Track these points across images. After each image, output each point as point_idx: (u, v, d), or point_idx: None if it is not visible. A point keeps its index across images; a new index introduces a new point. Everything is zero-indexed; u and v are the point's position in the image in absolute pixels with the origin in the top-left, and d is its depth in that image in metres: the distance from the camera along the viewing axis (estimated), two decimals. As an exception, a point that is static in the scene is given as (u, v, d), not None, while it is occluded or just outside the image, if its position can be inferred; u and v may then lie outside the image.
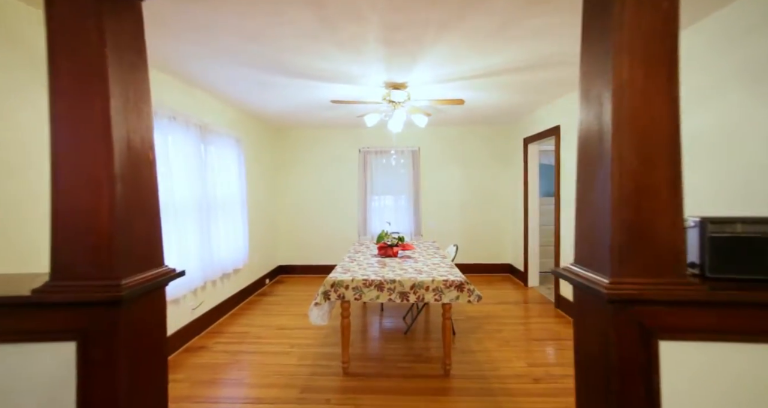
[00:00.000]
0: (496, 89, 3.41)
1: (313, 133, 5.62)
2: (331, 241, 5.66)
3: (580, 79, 1.01)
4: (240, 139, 4.08)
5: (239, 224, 3.98)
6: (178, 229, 2.75)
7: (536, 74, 2.96)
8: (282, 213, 5.69)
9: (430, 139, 5.57)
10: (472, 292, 2.48)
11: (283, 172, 5.68)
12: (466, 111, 4.40)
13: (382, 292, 2.52)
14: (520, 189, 5.05)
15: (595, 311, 0.88)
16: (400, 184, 5.56)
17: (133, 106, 0.93)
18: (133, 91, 0.95)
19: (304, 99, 3.65)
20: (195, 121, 3.12)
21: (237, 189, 3.97)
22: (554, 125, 3.94)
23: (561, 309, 3.82)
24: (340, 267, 2.92)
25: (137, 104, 0.95)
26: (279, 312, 3.94)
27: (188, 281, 2.93)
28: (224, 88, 3.25)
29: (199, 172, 3.18)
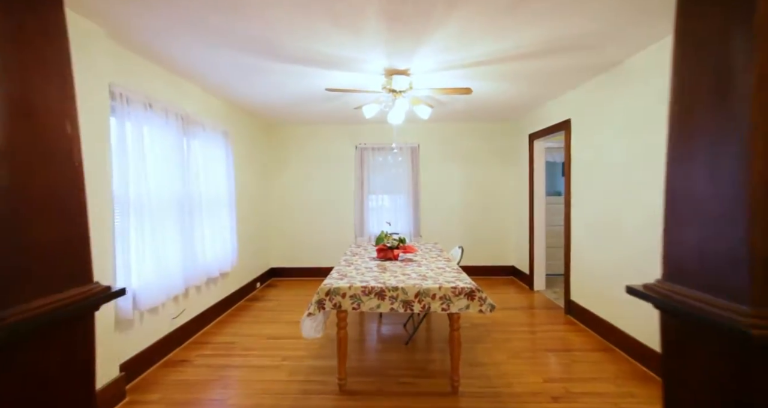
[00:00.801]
0: (504, 79, 3.17)
1: (306, 129, 5.34)
2: (326, 243, 5.38)
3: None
4: (228, 133, 3.79)
5: (227, 225, 3.69)
6: (154, 230, 2.46)
7: (549, 61, 2.71)
8: (274, 213, 5.40)
9: (430, 136, 5.31)
10: (484, 301, 2.22)
11: (275, 169, 5.39)
12: (468, 105, 4.15)
13: (383, 301, 2.25)
14: (525, 188, 4.82)
15: (714, 353, 0.60)
16: (398, 183, 5.30)
17: (34, 60, 0.65)
18: (33, 43, 0.66)
19: (296, 88, 3.38)
20: (175, 111, 2.83)
21: (224, 187, 3.68)
22: (564, 119, 3.70)
23: (572, 315, 3.58)
24: (335, 272, 2.65)
25: (43, 60, 0.67)
26: (270, 319, 3.65)
27: (168, 287, 2.64)
28: (207, 73, 2.96)
29: (181, 167, 2.89)
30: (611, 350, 2.84)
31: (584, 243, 3.37)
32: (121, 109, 2.23)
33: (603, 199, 3.06)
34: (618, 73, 2.82)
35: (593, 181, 3.21)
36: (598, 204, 3.12)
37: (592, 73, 3.02)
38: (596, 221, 3.16)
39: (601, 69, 2.91)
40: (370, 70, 2.87)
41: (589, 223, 3.27)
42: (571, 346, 2.94)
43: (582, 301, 3.41)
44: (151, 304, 2.44)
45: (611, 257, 2.95)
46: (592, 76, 3.08)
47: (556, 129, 3.90)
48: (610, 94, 2.94)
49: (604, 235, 3.05)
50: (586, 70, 2.95)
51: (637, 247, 2.64)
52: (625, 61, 2.71)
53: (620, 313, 2.84)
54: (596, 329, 3.15)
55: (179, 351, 2.88)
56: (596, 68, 2.89)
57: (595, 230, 3.18)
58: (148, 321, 2.57)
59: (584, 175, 3.36)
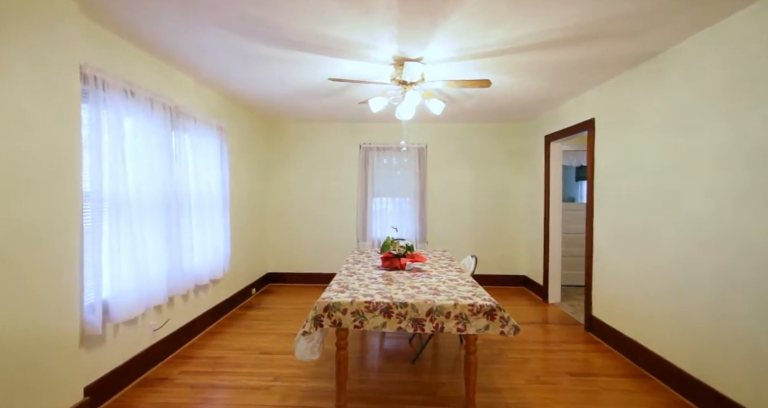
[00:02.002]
0: (522, 73, 2.89)
1: (308, 127, 5.08)
2: (326, 247, 5.10)
3: None
4: (223, 129, 3.53)
5: (219, 227, 3.42)
6: (133, 232, 2.18)
7: (576, 51, 2.43)
8: (273, 215, 5.13)
9: (438, 136, 5.04)
10: (507, 322, 1.93)
11: (274, 168, 5.12)
12: (481, 104, 3.88)
13: (389, 319, 1.96)
14: (540, 192, 4.52)
15: None
16: (404, 185, 5.02)
17: None
18: None
19: (297, 80, 3.11)
20: (163, 102, 2.56)
21: (217, 186, 3.41)
22: (586, 119, 3.42)
23: (594, 333, 3.27)
24: (335, 283, 2.36)
25: None
26: (264, 330, 3.36)
27: (149, 296, 2.36)
28: (199, 60, 2.70)
29: (168, 163, 2.62)
30: (644, 377, 2.53)
31: (609, 254, 3.06)
32: (95, 94, 1.96)
33: (633, 207, 2.76)
34: (655, 66, 2.54)
35: (621, 186, 2.91)
36: (627, 212, 2.83)
37: (623, 66, 2.74)
38: (624, 230, 2.86)
39: (636, 60, 2.62)
40: (379, 59, 2.60)
41: (616, 232, 2.97)
42: (596, 370, 2.63)
43: (606, 318, 3.10)
44: (127, 316, 2.16)
45: (643, 271, 2.65)
46: (622, 69, 2.80)
47: (577, 130, 3.61)
48: (643, 90, 2.65)
49: (633, 246, 2.75)
50: (617, 63, 2.66)
51: (675, 260, 2.34)
52: (665, 50, 2.43)
53: (655, 333, 2.53)
54: (624, 350, 2.84)
55: (160, 367, 2.59)
56: (629, 60, 2.61)
57: (623, 240, 2.88)
58: (125, 334, 2.28)
59: (610, 180, 3.07)
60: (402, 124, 4.73)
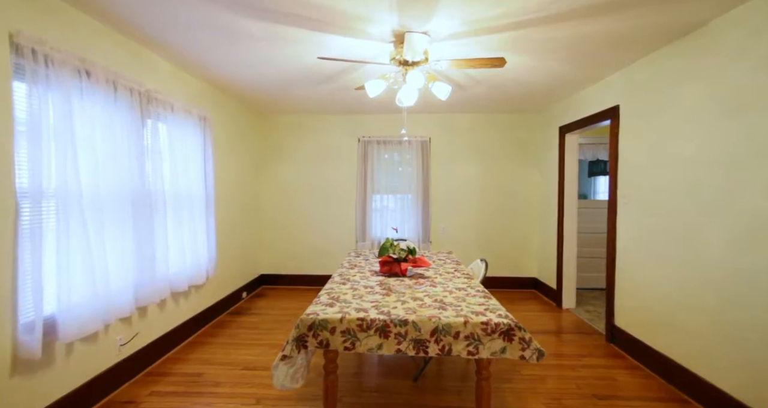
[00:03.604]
0: (541, 52, 2.54)
1: (303, 119, 4.75)
2: (324, 248, 4.79)
3: None
4: (207, 119, 3.20)
5: (202, 228, 3.10)
6: (89, 235, 1.87)
7: (608, 22, 2.08)
8: (267, 212, 4.81)
9: (442, 128, 4.69)
10: (528, 344, 1.60)
11: (267, 163, 4.80)
12: (489, 92, 3.53)
13: (386, 340, 1.64)
14: (552, 189, 4.18)
15: None
16: (406, 181, 4.69)
17: None
18: None
19: (286, 62, 2.78)
20: (129, 85, 2.24)
21: (200, 182, 3.10)
22: (610, 106, 3.06)
23: (617, 345, 2.94)
24: (325, 293, 2.04)
25: None
26: (251, 340, 3.06)
27: (111, 307, 2.05)
28: (171, 37, 2.37)
29: (138, 156, 2.31)
30: (684, 402, 2.19)
31: (635, 257, 2.72)
32: (35, 71, 1.64)
33: (667, 204, 2.42)
34: (698, 40, 2.18)
35: (651, 181, 2.57)
36: (660, 209, 2.48)
37: (658, 42, 2.38)
38: (655, 230, 2.52)
39: (674, 34, 2.26)
40: (376, 36, 2.26)
41: (644, 232, 2.63)
42: (626, 391, 2.30)
43: (632, 329, 2.76)
44: (81, 332, 1.85)
45: (680, 277, 2.31)
46: (656, 46, 2.44)
47: (598, 119, 3.26)
48: (682, 70, 2.30)
49: (667, 248, 2.41)
50: (652, 38, 2.31)
51: (725, 266, 2.00)
52: (713, 20, 2.07)
53: (696, 351, 2.19)
54: (655, 368, 2.50)
55: (127, 387, 2.29)
56: (666, 34, 2.25)
57: (653, 242, 2.53)
58: (82, 353, 1.98)
59: (637, 174, 2.72)
60: (403, 111, 4.38)
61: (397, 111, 4.47)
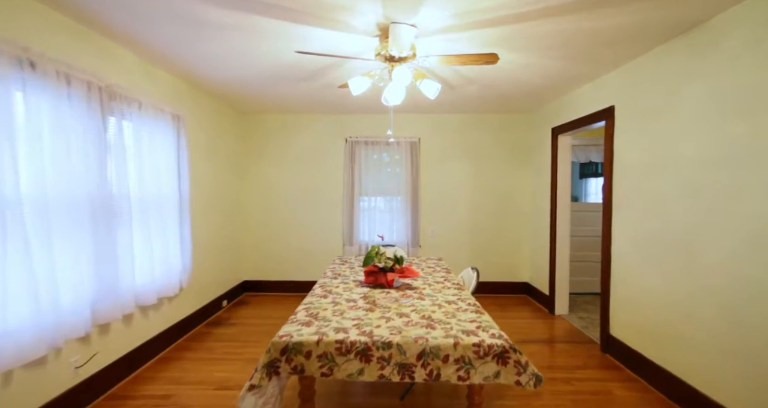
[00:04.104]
0: (535, 49, 2.40)
1: (288, 119, 4.55)
2: (309, 252, 4.60)
3: None
4: (181, 119, 2.99)
5: (174, 234, 2.89)
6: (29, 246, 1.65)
7: (606, 17, 1.95)
8: (250, 216, 4.60)
9: (433, 129, 4.54)
10: (524, 368, 1.45)
11: (251, 165, 4.59)
12: (481, 92, 3.39)
13: (368, 365, 1.47)
14: (545, 191, 4.06)
15: None
16: (395, 184, 4.52)
17: None
18: None
19: (263, 56, 2.59)
20: (86, 79, 2.03)
21: (172, 185, 2.88)
22: (605, 107, 2.95)
23: (613, 355, 2.82)
24: (303, 309, 1.87)
25: None
26: (228, 354, 2.86)
27: (62, 327, 1.83)
28: (132, 26, 2.16)
29: (98, 157, 2.09)
30: (684, 419, 2.08)
31: (632, 264, 2.61)
32: (-37, 61, 1.43)
33: (666, 208, 2.30)
34: (700, 37, 2.07)
35: (649, 184, 2.45)
36: (658, 213, 2.37)
37: (657, 39, 2.26)
38: (653, 236, 2.40)
39: (674, 32, 2.15)
40: (360, 29, 2.09)
41: (641, 237, 2.51)
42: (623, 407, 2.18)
43: (629, 340, 2.65)
44: (22, 358, 1.63)
45: (681, 287, 2.19)
46: (654, 44, 2.33)
47: (592, 120, 3.15)
48: (682, 69, 2.19)
49: (667, 255, 2.30)
50: (651, 35, 2.19)
51: (726, 275, 1.89)
52: (716, 16, 1.96)
53: (700, 366, 2.08)
54: (653, 381, 2.39)
55: (85, 413, 2.08)
56: (666, 31, 2.13)
57: (651, 248, 2.42)
58: (24, 380, 1.74)
59: (634, 177, 2.61)
60: (389, 110, 4.21)
61: (386, 111, 4.31)
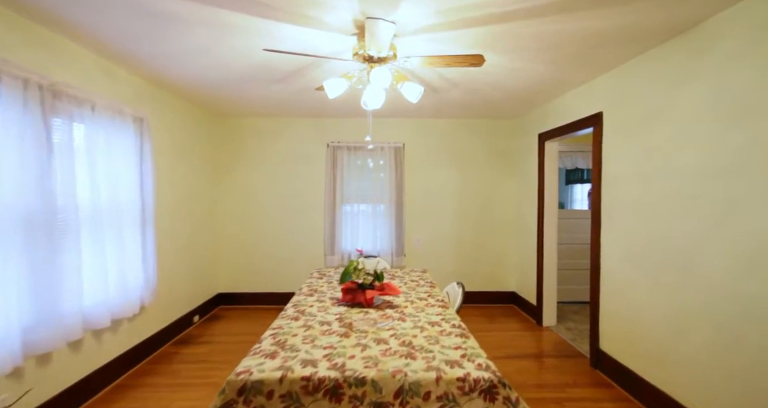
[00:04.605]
0: (523, 52, 2.28)
1: (266, 123, 4.34)
2: (289, 263, 4.37)
3: None
4: (144, 121, 2.75)
5: (136, 246, 2.64)
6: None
7: (597, 19, 1.84)
8: (226, 225, 4.35)
9: (417, 134, 4.40)
10: (515, 405, 1.29)
11: (227, 171, 4.35)
12: (466, 96, 3.26)
13: (338, 405, 1.28)
14: (532, 198, 3.96)
15: None
16: (378, 190, 4.36)
17: None
18: None
19: (231, 55, 2.39)
20: (22, 75, 1.79)
21: (134, 193, 2.64)
22: (593, 113, 2.86)
23: (603, 371, 2.70)
24: (270, 336, 1.67)
25: None
26: (195, 378, 2.61)
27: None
28: (86, 18, 1.94)
29: (37, 163, 1.85)
30: (681, 445, 1.96)
31: (622, 277, 2.50)
32: None
33: (659, 221, 2.20)
34: (693, 40, 1.98)
35: (641, 195, 2.35)
36: (650, 227, 2.27)
37: (649, 43, 2.17)
38: (646, 250, 2.30)
39: (667, 34, 2.06)
40: (336, 26, 1.93)
41: (632, 249, 2.41)
42: (617, 433, 2.05)
43: (620, 356, 2.54)
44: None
45: (674, 303, 2.09)
46: (645, 48, 2.24)
47: (579, 126, 3.05)
48: (674, 73, 2.10)
49: (659, 269, 2.20)
50: (642, 38, 2.09)
51: (723, 293, 1.78)
52: (711, 17, 1.87)
53: (699, 389, 1.97)
54: (646, 400, 2.27)
55: (18, 458, 1.82)
56: (659, 33, 2.04)
57: (643, 261, 2.32)
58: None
59: (623, 187, 2.51)
60: (368, 115, 4.05)
61: (372, 113, 4.15)
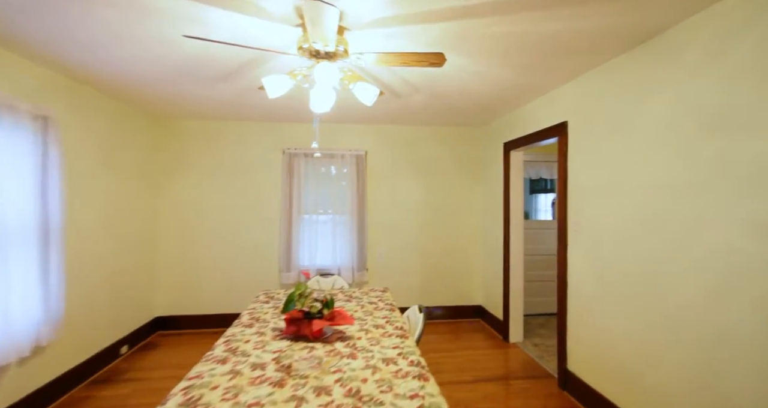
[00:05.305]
0: (487, 54, 2.12)
1: (214, 127, 3.94)
2: (241, 280, 3.96)
3: None
4: (49, 121, 2.31)
5: (32, 271, 2.17)
6: None
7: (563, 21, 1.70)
8: (164, 239, 3.87)
9: (381, 141, 4.18)
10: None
11: (167, 180, 3.89)
12: (430, 102, 3.09)
13: None
14: (497, 208, 3.85)
15: None
16: (339, 201, 4.07)
17: None
18: None
19: (156, 45, 2.04)
20: None
21: (31, 208, 2.18)
22: (557, 122, 2.76)
23: (571, 394, 2.56)
24: (181, 392, 1.32)
25: None
26: (108, 430, 2.17)
27: None
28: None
29: None
30: (658, 482, 1.81)
31: (589, 296, 2.38)
32: None
33: (625, 237, 2.09)
34: (654, 51, 1.89)
35: (607, 209, 2.25)
36: (617, 243, 2.15)
37: (615, 50, 2.08)
38: (613, 268, 2.18)
39: (631, 41, 1.97)
40: (274, 12, 1.65)
41: (600, 269, 2.29)
42: (591, 469, 1.87)
43: (589, 378, 2.40)
44: None
45: (641, 325, 1.96)
46: (611, 55, 2.15)
47: (544, 136, 2.96)
48: (640, 81, 2.01)
49: (627, 290, 2.08)
50: (606, 44, 1.99)
51: (691, 317, 1.67)
52: (670, 29, 1.78)
53: (665, 416, 1.83)
54: (617, 428, 2.13)
55: None
56: (624, 40, 1.95)
57: (610, 281, 2.20)
58: None
59: (590, 201, 2.40)
60: (314, 118, 3.70)
61: (328, 119, 3.88)
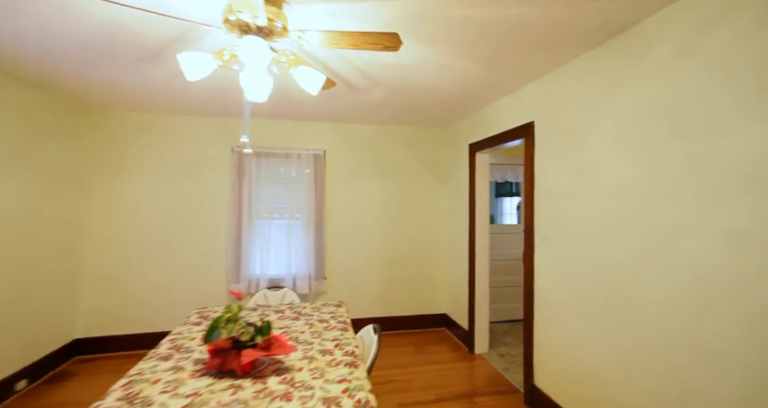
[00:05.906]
0: (450, 45, 1.91)
1: (153, 120, 3.49)
2: (181, 293, 3.52)
3: None
4: None
5: None
6: None
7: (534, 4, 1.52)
8: (90, 248, 3.36)
9: (340, 141, 3.90)
10: None
11: (95, 180, 3.38)
12: (392, 99, 2.86)
13: None
14: (463, 212, 3.68)
15: None
16: (296, 203, 3.74)
17: None
18: None
19: (44, 10, 1.65)
20: None
21: None
22: (524, 123, 2.62)
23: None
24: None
25: None
26: None
27: None
28: None
29: None
30: None
31: (558, 308, 2.23)
32: None
33: (595, 245, 1.95)
34: (623, 47, 1.77)
35: (575, 215, 2.11)
36: (586, 252, 2.01)
37: (580, 45, 1.94)
38: (582, 278, 2.04)
39: (599, 36, 1.83)
40: (189, -25, 1.34)
41: (569, 279, 2.15)
42: None
43: (557, 395, 2.24)
44: None
45: (612, 340, 1.82)
46: (577, 51, 2.01)
47: (510, 137, 2.81)
48: (607, 81, 1.88)
49: (597, 302, 1.94)
50: (573, 39, 1.85)
51: (663, 331, 1.53)
52: (639, 23, 1.66)
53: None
54: (586, 451, 1.98)
55: None
56: (591, 34, 1.80)
57: (580, 292, 2.06)
58: None
59: (558, 206, 2.26)
60: (245, 106, 3.16)
61: (283, 116, 3.55)
